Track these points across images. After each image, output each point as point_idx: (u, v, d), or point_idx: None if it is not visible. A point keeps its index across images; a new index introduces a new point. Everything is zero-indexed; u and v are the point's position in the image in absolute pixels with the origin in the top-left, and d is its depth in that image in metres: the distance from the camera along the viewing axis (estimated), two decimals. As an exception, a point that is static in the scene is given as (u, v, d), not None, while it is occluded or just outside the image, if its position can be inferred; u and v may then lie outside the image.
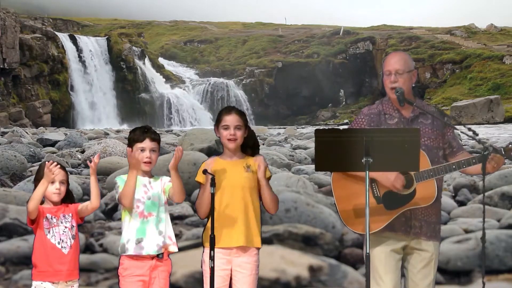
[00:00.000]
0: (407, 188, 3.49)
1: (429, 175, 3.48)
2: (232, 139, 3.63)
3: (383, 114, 3.66)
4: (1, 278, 5.69)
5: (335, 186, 3.61)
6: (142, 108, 67.47)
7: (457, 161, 3.53)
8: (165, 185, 3.64)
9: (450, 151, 3.66)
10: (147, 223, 3.56)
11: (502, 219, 7.27)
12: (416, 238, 3.60)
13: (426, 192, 3.50)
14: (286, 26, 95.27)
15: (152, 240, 3.54)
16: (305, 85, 73.26)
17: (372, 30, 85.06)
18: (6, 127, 38.88)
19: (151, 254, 3.53)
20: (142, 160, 3.60)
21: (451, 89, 68.56)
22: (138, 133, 3.62)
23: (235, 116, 3.65)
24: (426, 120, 3.65)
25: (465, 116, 49.44)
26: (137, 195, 3.56)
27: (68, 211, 3.61)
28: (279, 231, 6.24)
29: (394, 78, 3.60)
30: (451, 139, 3.68)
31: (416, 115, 3.65)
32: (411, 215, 3.56)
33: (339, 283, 5.54)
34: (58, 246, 3.51)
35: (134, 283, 3.51)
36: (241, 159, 3.69)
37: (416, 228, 3.58)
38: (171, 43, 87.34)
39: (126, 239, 3.55)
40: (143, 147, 3.61)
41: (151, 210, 3.58)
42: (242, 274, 3.59)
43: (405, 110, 3.65)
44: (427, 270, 3.63)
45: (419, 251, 3.62)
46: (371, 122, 3.64)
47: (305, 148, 18.91)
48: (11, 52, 57.59)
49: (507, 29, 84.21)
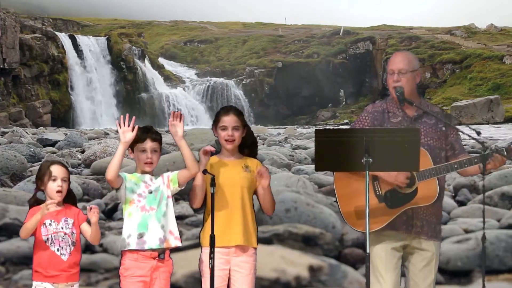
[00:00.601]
0: (409, 187, 3.50)
1: (430, 174, 3.48)
2: (230, 140, 3.63)
3: (386, 112, 3.66)
4: (1, 278, 5.69)
5: (337, 185, 3.60)
6: (142, 108, 67.46)
7: (458, 161, 3.53)
8: (171, 176, 3.61)
9: (452, 153, 3.66)
10: (149, 217, 3.52)
11: (502, 219, 7.27)
12: (417, 238, 3.60)
13: (428, 191, 3.50)
14: (286, 26, 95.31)
15: (154, 234, 3.50)
16: (305, 85, 73.28)
17: (372, 30, 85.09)
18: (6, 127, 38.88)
19: (153, 248, 3.49)
20: (143, 161, 3.59)
21: (451, 89, 68.58)
22: (138, 133, 3.58)
23: (233, 117, 3.64)
24: (430, 120, 3.64)
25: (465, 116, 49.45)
26: (139, 189, 3.54)
27: (71, 215, 3.57)
28: (279, 231, 6.23)
29: (397, 78, 3.61)
30: (453, 141, 3.67)
31: (420, 114, 3.64)
32: (413, 214, 3.56)
33: (339, 283, 5.54)
34: (57, 253, 3.48)
35: (135, 283, 3.49)
36: (239, 159, 3.69)
37: (418, 227, 3.59)
38: (171, 43, 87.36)
39: (127, 234, 3.51)
40: (144, 148, 3.58)
41: (153, 204, 3.55)
42: (241, 274, 3.59)
43: (409, 109, 3.65)
44: (427, 270, 3.63)
45: (420, 251, 3.63)
46: (375, 120, 3.64)
47: (305, 148, 18.91)
48: (11, 52, 57.60)
49: (507, 29, 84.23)
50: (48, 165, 3.58)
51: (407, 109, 3.64)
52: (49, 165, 3.57)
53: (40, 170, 3.58)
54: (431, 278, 3.63)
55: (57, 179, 3.53)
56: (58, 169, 3.55)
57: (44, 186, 3.55)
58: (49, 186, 3.52)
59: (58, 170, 3.54)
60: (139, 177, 3.60)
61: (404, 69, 3.60)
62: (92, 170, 12.35)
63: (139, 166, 3.64)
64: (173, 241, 3.55)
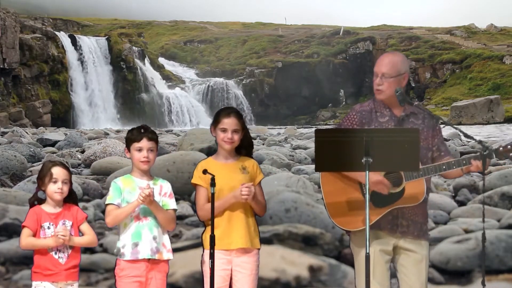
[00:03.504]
0: (396, 187, 3.50)
1: (418, 175, 3.48)
2: (228, 142, 3.62)
3: (374, 112, 3.67)
4: (1, 278, 5.69)
5: (323, 181, 3.60)
6: (142, 108, 67.46)
7: (447, 162, 3.53)
8: (162, 202, 3.60)
9: (438, 155, 3.67)
10: (142, 228, 3.54)
11: (502, 219, 7.27)
12: (403, 238, 3.60)
13: (415, 191, 3.51)
14: (286, 26, 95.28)
15: (147, 244, 3.53)
16: (305, 85, 73.29)
17: (372, 30, 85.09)
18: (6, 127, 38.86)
19: (146, 258, 3.52)
20: (140, 160, 3.59)
21: (451, 89, 68.60)
22: (135, 133, 3.61)
23: (234, 120, 3.63)
24: (417, 120, 3.66)
25: (465, 116, 49.45)
26: (133, 198, 3.53)
27: (69, 217, 3.57)
28: (279, 231, 6.23)
29: (379, 81, 3.62)
30: (439, 143, 3.69)
31: (407, 114, 3.66)
32: (398, 214, 3.57)
33: (339, 283, 5.54)
34: (55, 256, 3.49)
35: (131, 283, 3.51)
36: (236, 160, 3.69)
37: (403, 227, 3.59)
38: (171, 43, 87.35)
39: (122, 244, 3.55)
40: (140, 147, 3.59)
41: (147, 214, 3.56)
42: (242, 274, 3.59)
43: (396, 109, 3.66)
44: (418, 270, 3.62)
45: (408, 252, 3.62)
46: (363, 119, 3.65)
47: (305, 148, 18.90)
48: (11, 52, 57.59)
49: (507, 29, 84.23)
50: (49, 167, 3.58)
51: (394, 109, 3.66)
52: (50, 167, 3.57)
53: (42, 171, 3.59)
54: (422, 278, 3.63)
55: (57, 181, 3.53)
56: (59, 171, 3.55)
57: (45, 187, 3.56)
58: (50, 188, 3.53)
59: (59, 172, 3.54)
60: (136, 183, 3.59)
61: (387, 73, 3.59)
62: (92, 170, 12.35)
63: (136, 165, 3.63)
64: (165, 254, 3.59)
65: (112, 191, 3.56)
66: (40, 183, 3.58)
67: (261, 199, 3.67)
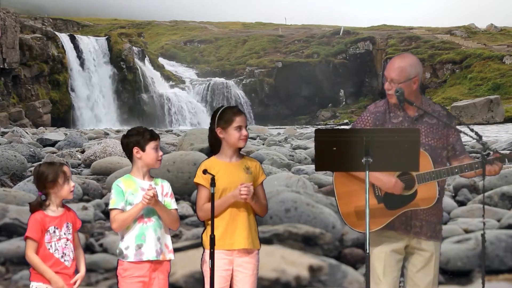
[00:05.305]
0: (408, 189, 3.49)
1: (431, 177, 3.47)
2: (245, 139, 3.65)
3: (388, 112, 3.66)
4: (1, 278, 5.69)
5: (337, 183, 3.60)
6: (142, 108, 67.48)
7: (459, 165, 3.52)
8: (164, 202, 3.59)
9: (453, 154, 3.65)
10: (146, 229, 3.52)
11: (502, 219, 7.27)
12: (416, 238, 3.60)
13: (427, 193, 3.50)
14: (286, 26, 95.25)
15: (151, 246, 3.51)
16: (305, 85, 73.27)
17: (372, 30, 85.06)
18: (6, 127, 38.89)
19: (151, 259, 3.51)
20: (157, 158, 3.60)
21: (451, 89, 68.57)
22: (151, 133, 3.64)
23: (243, 117, 3.67)
24: (431, 120, 3.63)
25: (465, 116, 49.42)
26: (136, 199, 3.51)
27: (70, 219, 3.55)
28: (279, 231, 6.23)
29: (388, 86, 3.62)
30: (454, 142, 3.66)
31: (421, 114, 3.63)
32: (412, 214, 3.57)
33: (339, 283, 5.54)
34: (61, 260, 3.48)
35: (134, 284, 3.50)
36: (240, 160, 3.69)
37: (417, 228, 3.59)
38: (171, 43, 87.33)
39: (125, 246, 3.52)
40: (157, 145, 3.62)
41: (151, 215, 3.55)
42: (244, 274, 3.60)
43: (410, 109, 3.64)
44: (426, 270, 3.63)
45: (420, 251, 3.63)
46: (377, 120, 3.64)
47: (305, 148, 18.90)
48: (11, 52, 57.60)
49: (507, 29, 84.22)
50: (58, 167, 3.50)
51: (408, 109, 3.63)
52: (59, 167, 3.51)
53: (50, 174, 3.47)
54: (430, 278, 3.63)
55: (70, 179, 3.52)
56: (67, 169, 3.54)
57: (59, 188, 3.47)
58: (65, 188, 3.48)
59: (68, 171, 3.54)
60: (137, 183, 3.57)
61: (396, 79, 3.57)
62: (92, 170, 12.36)
63: (151, 165, 3.59)
64: (167, 255, 3.59)
65: (114, 195, 3.52)
66: (51, 186, 3.46)
67: (263, 199, 3.68)
